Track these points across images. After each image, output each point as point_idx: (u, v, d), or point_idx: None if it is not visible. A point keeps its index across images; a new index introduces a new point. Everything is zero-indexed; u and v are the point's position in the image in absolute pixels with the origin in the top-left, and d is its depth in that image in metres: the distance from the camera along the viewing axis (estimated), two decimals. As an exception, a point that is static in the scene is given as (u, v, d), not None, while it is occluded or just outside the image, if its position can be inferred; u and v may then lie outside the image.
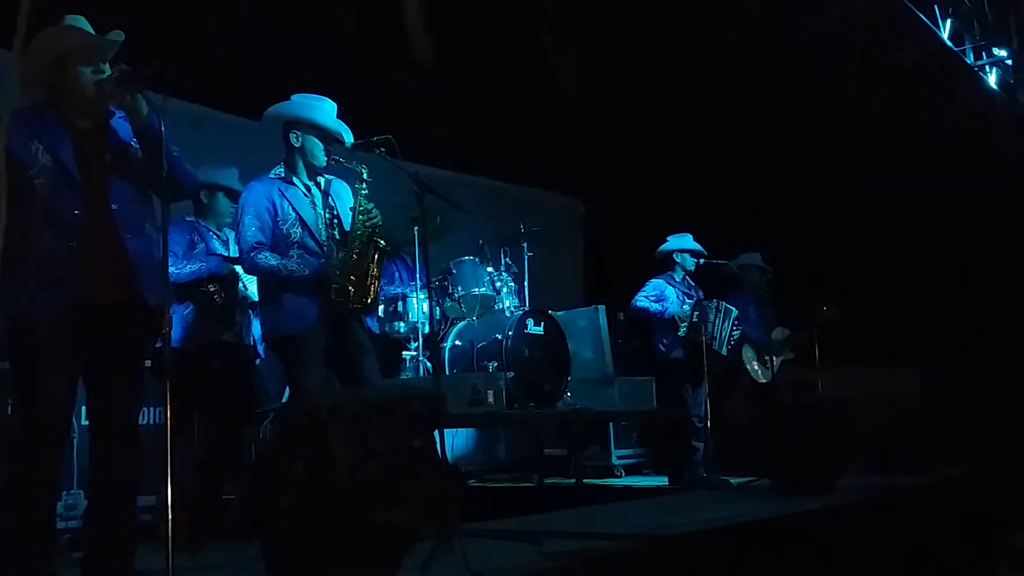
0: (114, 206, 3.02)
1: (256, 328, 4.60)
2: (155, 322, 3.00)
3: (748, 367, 6.85)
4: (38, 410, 2.91)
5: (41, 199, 2.92)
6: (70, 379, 3.00)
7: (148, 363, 3.34)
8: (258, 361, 5.15)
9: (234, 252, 4.48)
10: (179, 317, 4.24)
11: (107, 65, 3.08)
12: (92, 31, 3.09)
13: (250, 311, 4.56)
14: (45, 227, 2.92)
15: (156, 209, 3.16)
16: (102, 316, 2.98)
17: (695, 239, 6.66)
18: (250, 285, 4.48)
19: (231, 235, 4.56)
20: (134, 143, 3.11)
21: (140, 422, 3.21)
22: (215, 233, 4.61)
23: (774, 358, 6.99)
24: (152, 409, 4.68)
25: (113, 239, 3.01)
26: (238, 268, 4.43)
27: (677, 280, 6.54)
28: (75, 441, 4.39)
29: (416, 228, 5.43)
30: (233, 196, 4.49)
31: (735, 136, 8.00)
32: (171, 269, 3.65)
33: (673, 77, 7.67)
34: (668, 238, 6.67)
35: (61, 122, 3.03)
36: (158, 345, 3.39)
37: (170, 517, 2.76)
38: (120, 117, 3.12)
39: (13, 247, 2.91)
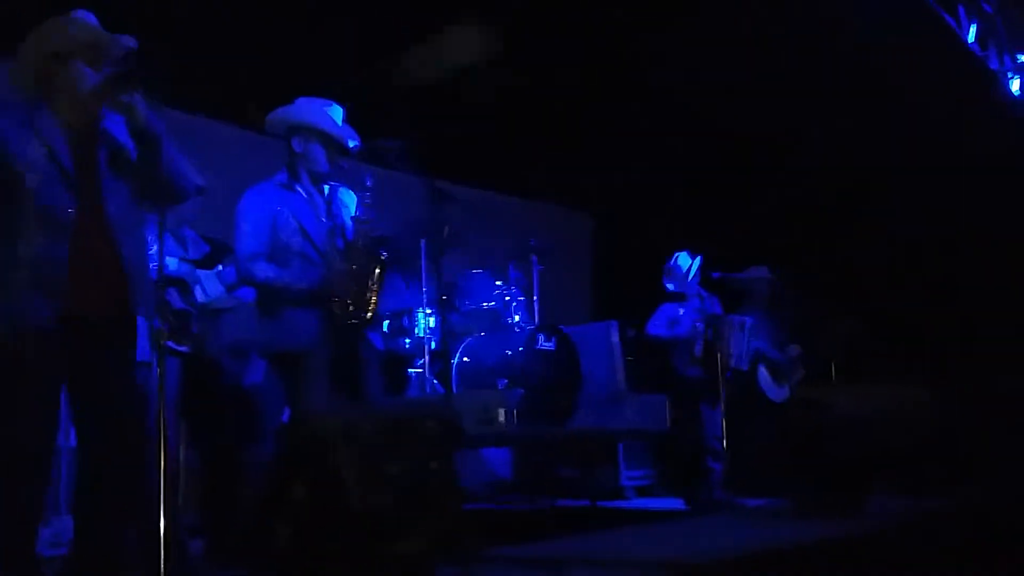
0: (110, 208, 2.83)
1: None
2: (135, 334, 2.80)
3: (763, 385, 6.66)
4: (21, 425, 2.70)
5: (31, 197, 2.72)
6: (56, 391, 2.80)
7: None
8: (257, 379, 4.94)
9: (193, 254, 4.26)
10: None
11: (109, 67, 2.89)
12: (101, 28, 2.91)
13: (211, 318, 4.25)
14: (36, 228, 2.71)
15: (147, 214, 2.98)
16: (91, 325, 2.78)
17: (706, 253, 6.48)
18: (210, 291, 4.21)
19: (190, 235, 4.33)
20: (129, 145, 2.92)
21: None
22: (171, 232, 4.19)
23: (789, 376, 6.79)
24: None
25: (107, 243, 2.81)
26: (201, 272, 4.19)
27: (688, 297, 6.35)
28: (63, 464, 4.19)
29: (424, 240, 5.26)
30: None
31: (746, 146, 7.84)
32: None
33: (681, 90, 7.53)
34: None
35: (55, 118, 2.84)
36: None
37: (162, 544, 2.56)
38: (115, 120, 2.94)
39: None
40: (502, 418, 4.72)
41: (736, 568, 3.44)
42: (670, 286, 6.33)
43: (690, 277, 6.32)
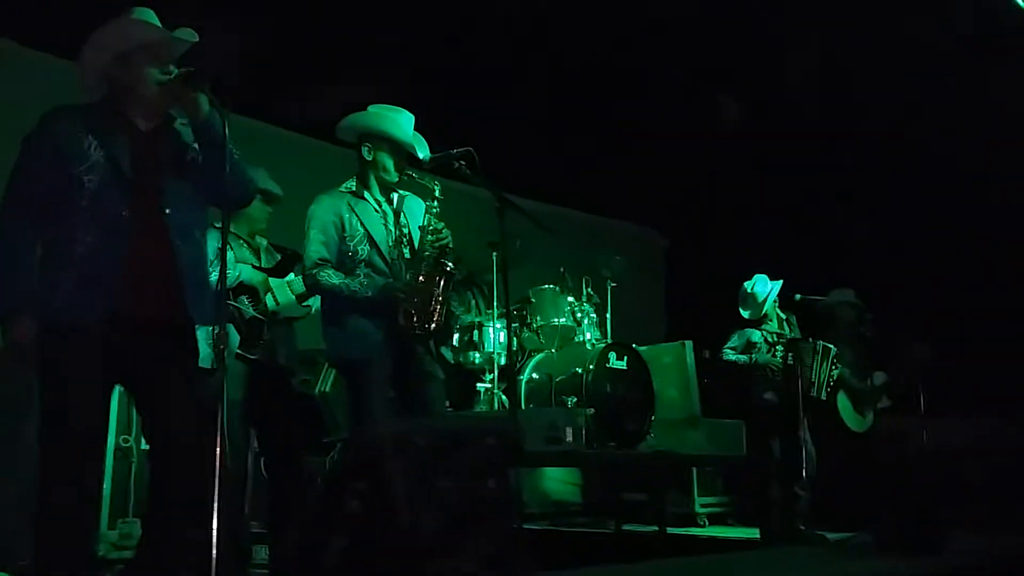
0: (167, 211, 2.82)
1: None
2: (194, 338, 2.78)
3: (843, 414, 6.39)
4: (71, 427, 2.69)
5: (88, 198, 2.73)
6: (104, 393, 2.80)
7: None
8: (326, 388, 4.92)
9: (266, 262, 4.24)
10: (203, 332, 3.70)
11: (173, 65, 2.89)
12: (160, 25, 2.91)
13: (282, 327, 4.21)
14: (91, 228, 2.72)
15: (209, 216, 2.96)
16: (143, 328, 2.76)
17: (783, 276, 6.23)
18: (281, 299, 4.16)
19: (262, 244, 4.32)
20: (194, 146, 2.91)
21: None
22: (245, 240, 4.24)
23: (872, 405, 6.50)
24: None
25: (162, 245, 2.80)
26: (272, 280, 4.17)
27: (768, 322, 6.12)
28: (133, 467, 4.22)
29: (495, 253, 5.18)
30: (268, 198, 4.25)
31: (825, 167, 7.61)
32: None
33: (762, 108, 7.36)
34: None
35: (120, 120, 2.85)
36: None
37: (215, 552, 2.51)
38: (183, 122, 2.94)
39: (53, 247, 2.75)
40: (570, 437, 4.60)
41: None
42: (746, 313, 6.09)
43: (768, 304, 6.05)
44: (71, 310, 2.69)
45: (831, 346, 6.03)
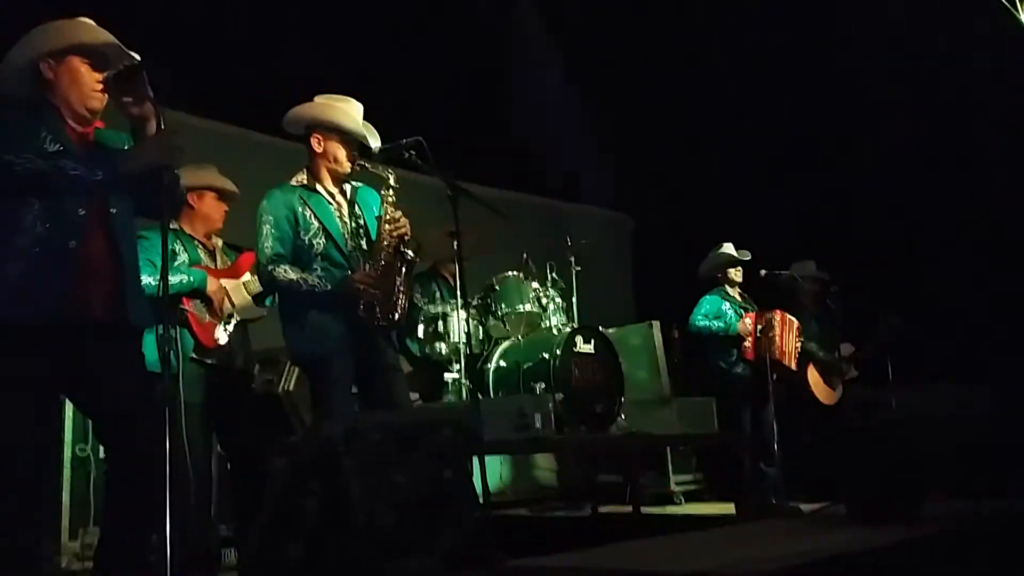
0: (112, 210, 2.76)
1: None
2: (138, 341, 2.71)
3: (813, 387, 6.41)
4: (20, 427, 2.60)
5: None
6: (55, 393, 2.75)
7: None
8: (288, 386, 4.83)
9: (222, 263, 4.15)
10: (154, 336, 3.42)
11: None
12: (99, 28, 2.85)
13: (238, 329, 4.09)
14: (42, 221, 2.63)
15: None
16: (90, 328, 2.68)
17: (751, 252, 6.23)
18: (237, 301, 4.06)
19: (219, 243, 4.22)
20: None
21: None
22: (201, 242, 4.13)
23: (840, 376, 6.52)
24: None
25: (109, 245, 2.74)
26: (229, 283, 4.08)
27: (730, 294, 6.12)
28: (91, 476, 4.13)
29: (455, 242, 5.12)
30: (224, 195, 4.15)
31: (790, 142, 7.63)
32: (147, 280, 3.31)
33: (725, 88, 7.37)
34: (709, 255, 6.26)
35: (60, 117, 2.79)
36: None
37: (168, 556, 2.45)
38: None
39: None
40: (539, 423, 4.55)
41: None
42: (707, 269, 6.11)
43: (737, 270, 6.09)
44: (17, 303, 2.59)
45: (794, 319, 6.04)
